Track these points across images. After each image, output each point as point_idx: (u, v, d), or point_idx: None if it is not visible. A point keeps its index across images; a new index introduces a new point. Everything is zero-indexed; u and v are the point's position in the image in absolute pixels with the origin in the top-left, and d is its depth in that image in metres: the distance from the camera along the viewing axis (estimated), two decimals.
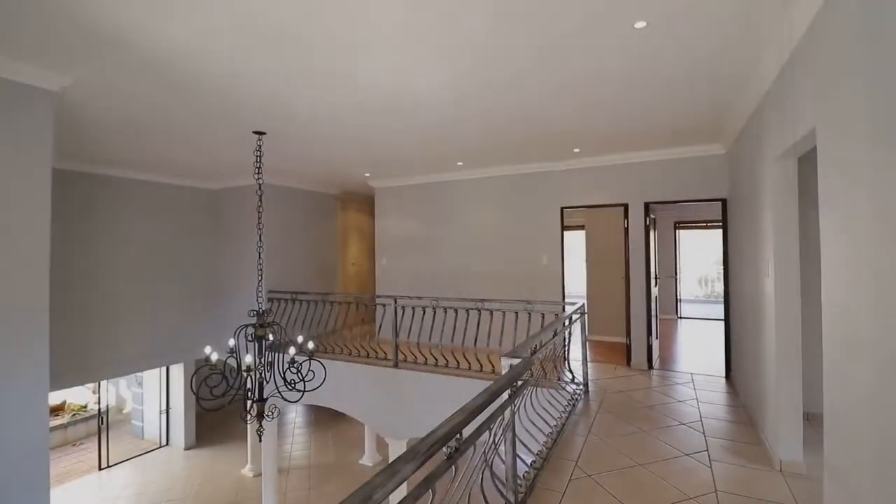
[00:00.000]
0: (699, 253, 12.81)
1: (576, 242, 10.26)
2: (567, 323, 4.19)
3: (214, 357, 3.56)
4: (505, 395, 1.94)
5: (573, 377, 4.45)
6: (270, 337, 4.00)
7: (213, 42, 2.53)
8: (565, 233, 6.08)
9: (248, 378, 3.66)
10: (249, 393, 3.72)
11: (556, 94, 3.41)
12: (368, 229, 8.98)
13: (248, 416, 3.82)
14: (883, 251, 1.51)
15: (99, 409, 8.01)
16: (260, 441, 3.92)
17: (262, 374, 3.86)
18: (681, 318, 9.45)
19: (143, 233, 6.43)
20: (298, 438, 8.48)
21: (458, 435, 1.41)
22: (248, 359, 3.57)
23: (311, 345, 3.97)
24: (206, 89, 3.21)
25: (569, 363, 4.47)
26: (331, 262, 7.91)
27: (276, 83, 3.13)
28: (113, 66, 2.81)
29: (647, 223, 5.54)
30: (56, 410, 8.91)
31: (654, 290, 5.71)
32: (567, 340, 4.39)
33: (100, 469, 7.45)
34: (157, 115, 3.76)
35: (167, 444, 8.10)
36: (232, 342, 3.79)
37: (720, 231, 5.24)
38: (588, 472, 2.91)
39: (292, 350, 3.75)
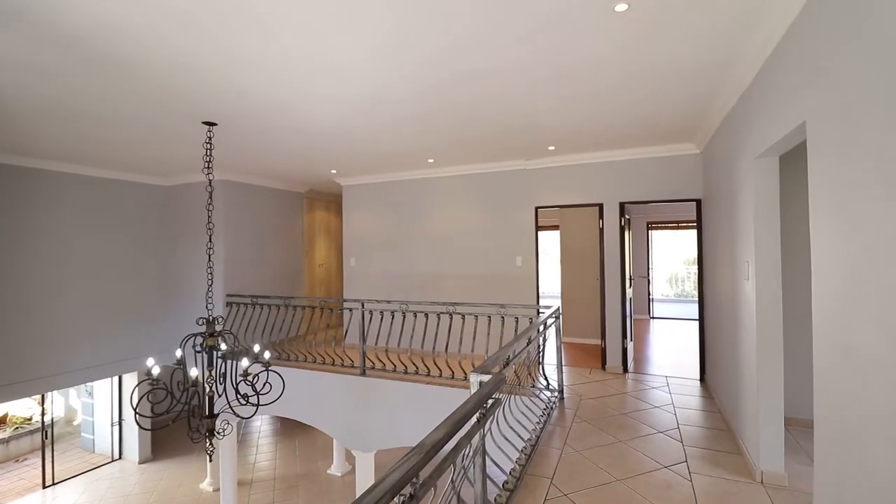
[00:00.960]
0: (669, 252, 12.97)
1: (550, 243, 10.19)
2: (542, 328, 4.01)
3: (157, 371, 3.22)
4: (473, 420, 1.72)
5: (548, 384, 4.27)
6: (223, 346, 3.68)
7: (131, 18, 2.22)
8: (539, 233, 5.93)
9: (196, 393, 3.33)
10: (196, 409, 3.38)
11: (531, 84, 3.21)
12: (337, 229, 8.65)
13: (197, 435, 3.49)
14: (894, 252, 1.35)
15: (43, 422, 7.43)
16: (210, 460, 3.60)
17: (213, 388, 3.54)
18: (653, 318, 9.46)
19: (90, 233, 5.93)
20: (263, 448, 8.08)
21: (415, 479, 1.18)
22: (193, 372, 3.24)
23: (267, 354, 3.67)
24: (140, 72, 2.86)
25: (543, 369, 4.29)
26: (297, 264, 7.54)
27: (221, 68, 2.82)
28: (21, 42, 2.45)
29: (623, 223, 5.42)
30: None
31: (629, 292, 5.62)
32: (542, 346, 4.22)
33: (44, 487, 6.89)
34: (90, 102, 3.38)
35: (120, 457, 7.59)
36: (179, 353, 3.47)
37: (690, 231, 5.18)
38: (564, 490, 2.72)
39: (245, 361, 3.43)
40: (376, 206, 6.67)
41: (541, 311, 4.72)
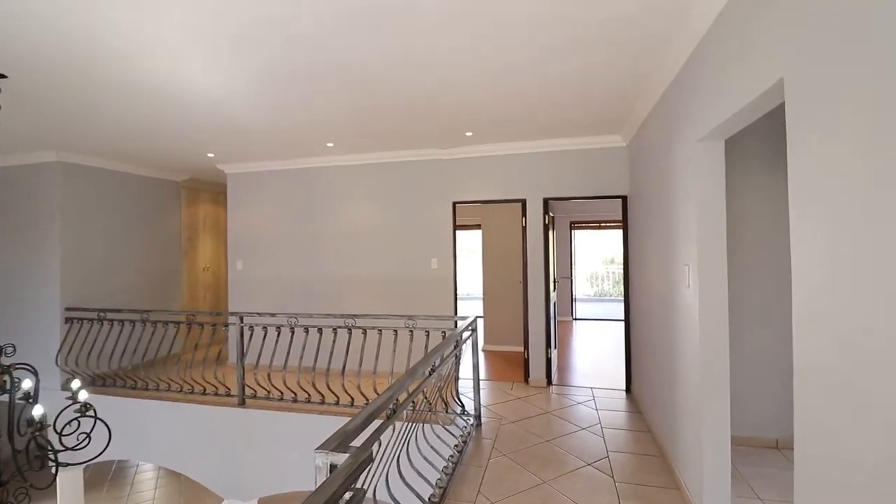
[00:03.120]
0: (589, 251, 13.06)
1: (475, 243, 9.67)
2: (457, 342, 3.37)
3: None
4: None
5: (463, 408, 3.64)
6: (26, 384, 2.64)
7: None
8: (461, 232, 5.31)
9: None
10: None
11: (436, 40, 2.54)
12: (226, 226, 7.47)
13: None
14: None
15: None
16: None
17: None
18: (576, 319, 9.28)
19: None
20: (141, 486, 6.75)
21: None
22: None
23: (83, 395, 2.67)
24: None
25: (457, 392, 3.66)
26: (173, 267, 6.27)
27: None
28: None
29: (547, 221, 4.95)
30: None
31: (553, 296, 5.16)
32: (457, 363, 3.58)
33: None
34: None
35: None
36: None
37: (612, 231, 4.82)
38: None
39: (38, 409, 2.44)
40: (268, 198, 5.67)
41: (457, 321, 4.09)
